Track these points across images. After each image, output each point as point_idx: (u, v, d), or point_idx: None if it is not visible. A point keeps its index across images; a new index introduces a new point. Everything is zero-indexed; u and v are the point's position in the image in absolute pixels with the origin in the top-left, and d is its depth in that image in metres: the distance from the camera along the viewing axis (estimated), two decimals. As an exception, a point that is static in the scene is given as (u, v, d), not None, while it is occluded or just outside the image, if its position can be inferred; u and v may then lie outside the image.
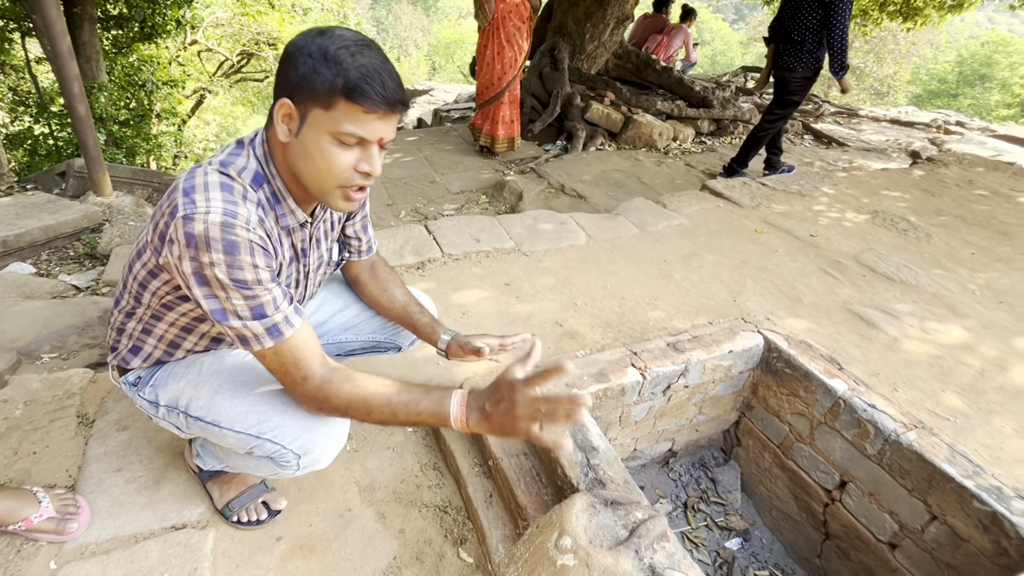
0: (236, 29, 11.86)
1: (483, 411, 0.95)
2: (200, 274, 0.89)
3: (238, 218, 0.88)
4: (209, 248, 0.86)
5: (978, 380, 2.16)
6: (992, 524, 1.28)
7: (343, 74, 0.84)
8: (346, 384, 1.00)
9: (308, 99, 0.87)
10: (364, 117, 0.87)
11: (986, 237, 3.43)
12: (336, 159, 0.90)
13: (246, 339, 0.94)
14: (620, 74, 6.69)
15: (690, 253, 2.83)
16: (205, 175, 0.92)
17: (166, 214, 0.92)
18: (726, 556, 1.69)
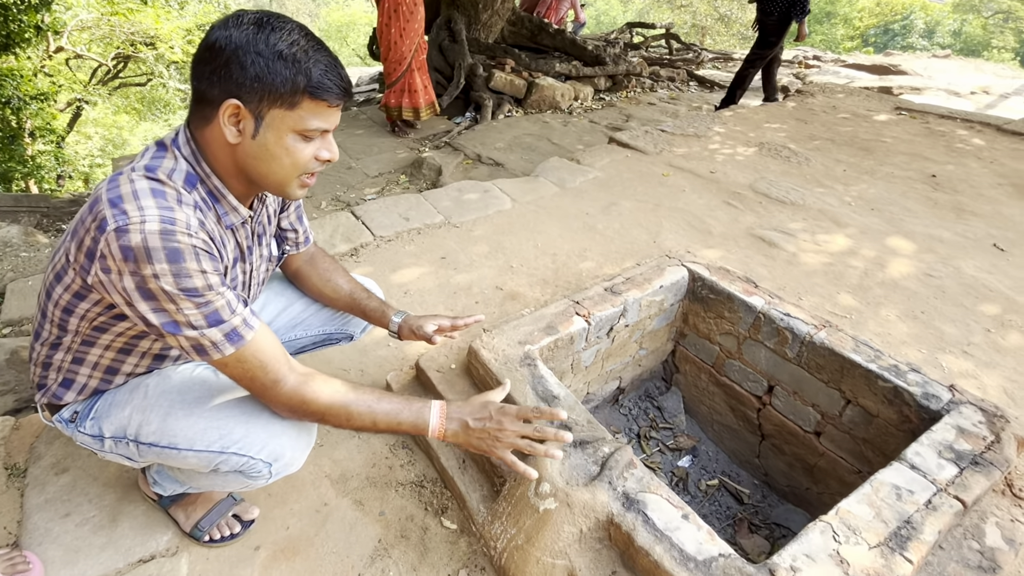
0: (106, 31, 10.52)
1: (464, 425, 1.01)
2: (144, 288, 0.79)
3: (177, 224, 0.79)
4: (150, 259, 0.77)
5: (864, 279, 2.36)
6: (895, 397, 1.40)
7: (305, 73, 0.81)
8: (324, 389, 0.95)
9: (264, 100, 0.81)
10: (327, 111, 0.85)
11: (853, 154, 3.71)
12: (301, 154, 0.87)
13: (204, 349, 0.85)
14: (517, 40, 6.56)
15: (608, 203, 2.87)
16: (131, 182, 0.81)
17: (91, 229, 0.79)
18: (680, 474, 1.78)
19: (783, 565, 0.98)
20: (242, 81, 0.80)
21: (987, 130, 4.16)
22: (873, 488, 1.12)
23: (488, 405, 1.04)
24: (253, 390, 0.92)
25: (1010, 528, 1.15)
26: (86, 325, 0.93)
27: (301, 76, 0.80)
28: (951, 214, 2.93)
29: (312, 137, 0.87)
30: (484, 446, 1.01)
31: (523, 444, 1.00)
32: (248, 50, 0.79)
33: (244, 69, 0.79)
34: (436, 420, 1.00)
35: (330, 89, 0.83)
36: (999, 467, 1.18)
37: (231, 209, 0.93)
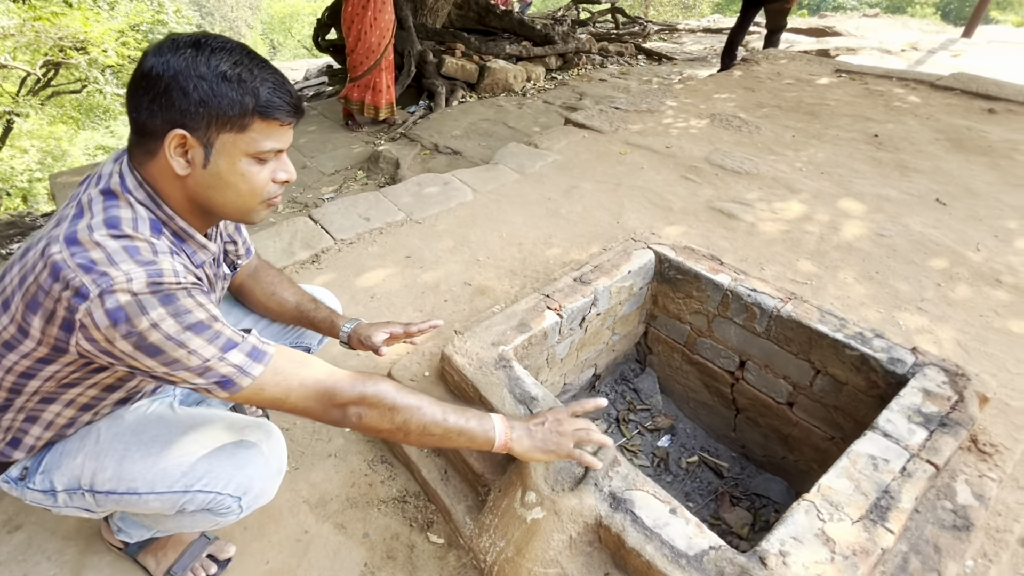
0: (31, 37, 9.70)
1: (527, 430, 0.98)
2: (145, 345, 0.72)
3: (165, 274, 0.74)
4: (144, 311, 0.71)
5: (820, 244, 2.37)
6: (862, 364, 1.40)
7: (252, 92, 0.75)
8: (386, 383, 0.87)
9: (212, 125, 0.75)
10: (279, 130, 0.80)
11: (799, 120, 3.72)
12: (257, 178, 0.81)
13: (230, 380, 0.77)
14: (464, 24, 6.34)
15: (569, 187, 2.80)
16: (98, 246, 0.73)
17: (64, 299, 0.71)
18: (660, 454, 1.76)
19: (772, 551, 0.95)
20: (186, 108, 0.73)
21: (921, 87, 4.24)
22: (850, 460, 1.11)
23: (538, 414, 1.05)
24: (307, 398, 0.83)
25: (978, 484, 1.16)
26: (52, 384, 0.83)
27: (249, 96, 0.75)
28: (895, 172, 2.98)
29: (266, 159, 0.81)
30: (552, 445, 0.98)
31: (583, 436, 1.00)
32: (189, 74, 0.72)
33: (187, 95, 0.73)
34: (502, 428, 0.96)
35: (281, 107, 0.78)
36: (965, 426, 1.19)
37: (199, 247, 0.87)
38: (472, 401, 1.31)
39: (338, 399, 0.83)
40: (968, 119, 3.63)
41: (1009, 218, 2.54)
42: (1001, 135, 3.38)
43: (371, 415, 0.85)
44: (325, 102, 5.65)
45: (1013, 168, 3.00)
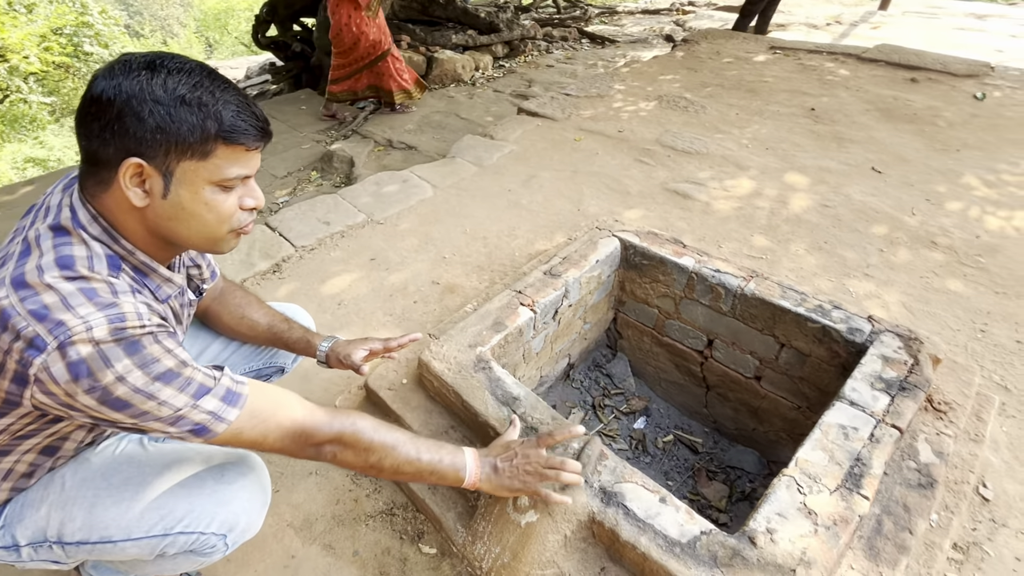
0: (-63, 46, 8.81)
1: (494, 467, 0.94)
2: (111, 400, 0.64)
3: (127, 318, 0.66)
4: (108, 363, 0.63)
5: (771, 218, 2.42)
6: (824, 336, 1.43)
7: (214, 117, 0.68)
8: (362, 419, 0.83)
9: (172, 153, 0.67)
10: (245, 155, 0.73)
11: (741, 97, 3.78)
12: (223, 207, 0.73)
13: (204, 427, 0.70)
14: (408, 15, 6.11)
15: (528, 177, 2.75)
16: (51, 289, 0.64)
17: (15, 351, 0.63)
18: (637, 436, 1.77)
19: (760, 529, 0.96)
20: (141, 135, 0.66)
21: (849, 60, 4.37)
22: (823, 432, 1.13)
23: (511, 444, 0.99)
24: (284, 439, 0.78)
25: (937, 442, 1.20)
26: (5, 438, 0.74)
27: (211, 120, 0.68)
28: (833, 144, 3.06)
29: (232, 186, 0.74)
30: (517, 484, 0.94)
31: (551, 475, 0.94)
32: (144, 99, 0.65)
33: (142, 121, 0.65)
34: (472, 465, 0.92)
35: (246, 131, 0.71)
36: (922, 388, 1.23)
37: (164, 281, 0.79)
38: (454, 407, 1.26)
39: (315, 439, 0.79)
40: (894, 89, 3.78)
41: (938, 182, 2.66)
42: (924, 103, 3.53)
43: (346, 454, 0.82)
44: (268, 101, 5.36)
45: (937, 134, 3.14)
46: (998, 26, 6.59)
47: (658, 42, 7.08)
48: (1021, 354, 1.70)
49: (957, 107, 3.46)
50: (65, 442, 0.81)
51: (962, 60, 4.12)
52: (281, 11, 5.62)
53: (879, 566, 1.00)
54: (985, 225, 2.33)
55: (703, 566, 0.91)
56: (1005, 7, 9.04)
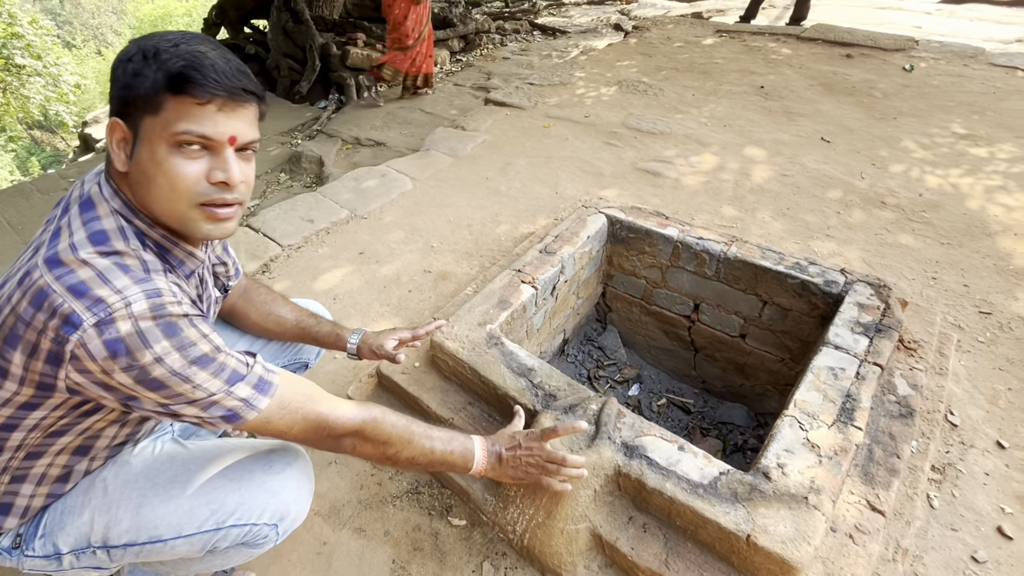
0: None
1: (499, 457, 0.93)
2: (148, 379, 0.63)
3: (164, 294, 0.64)
4: (147, 343, 0.62)
5: (737, 189, 2.51)
6: (803, 290, 1.52)
7: (164, 66, 0.63)
8: (389, 413, 0.83)
9: (136, 109, 0.65)
10: (199, 111, 0.64)
11: (695, 79, 3.89)
12: (179, 170, 0.65)
13: (236, 413, 0.69)
14: (362, 13, 5.96)
15: (504, 164, 2.76)
16: (86, 265, 0.63)
17: (50, 329, 0.60)
18: (632, 402, 1.82)
19: (771, 465, 1.02)
20: (118, 94, 0.65)
21: (790, 40, 4.55)
22: (815, 374, 1.21)
23: (516, 434, 0.97)
24: (308, 430, 0.77)
25: (911, 376, 1.30)
26: (37, 435, 0.71)
27: (161, 71, 0.63)
28: (784, 118, 3.20)
29: (191, 150, 0.65)
30: (520, 475, 0.94)
31: (553, 470, 0.93)
32: (123, 59, 0.65)
33: (116, 80, 0.65)
34: (480, 454, 0.91)
35: (193, 79, 0.63)
36: (895, 328, 1.32)
37: (186, 256, 0.76)
38: (470, 384, 1.27)
39: (336, 432, 0.79)
40: (832, 65, 3.97)
41: (880, 147, 2.82)
42: (861, 76, 3.72)
43: (365, 447, 0.82)
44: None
45: (874, 104, 3.33)
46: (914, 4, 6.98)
47: (607, 31, 7.15)
48: (969, 296, 1.84)
49: (890, 79, 3.67)
50: (97, 440, 0.78)
51: (890, 36, 4.36)
52: (231, 13, 5.39)
53: (875, 489, 1.08)
54: (926, 184, 2.49)
55: (726, 503, 0.96)
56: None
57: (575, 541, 1.04)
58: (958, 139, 2.87)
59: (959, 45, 4.18)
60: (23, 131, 16.55)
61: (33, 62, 9.66)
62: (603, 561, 1.06)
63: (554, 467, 0.93)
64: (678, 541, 1.01)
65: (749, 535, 0.91)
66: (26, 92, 9.99)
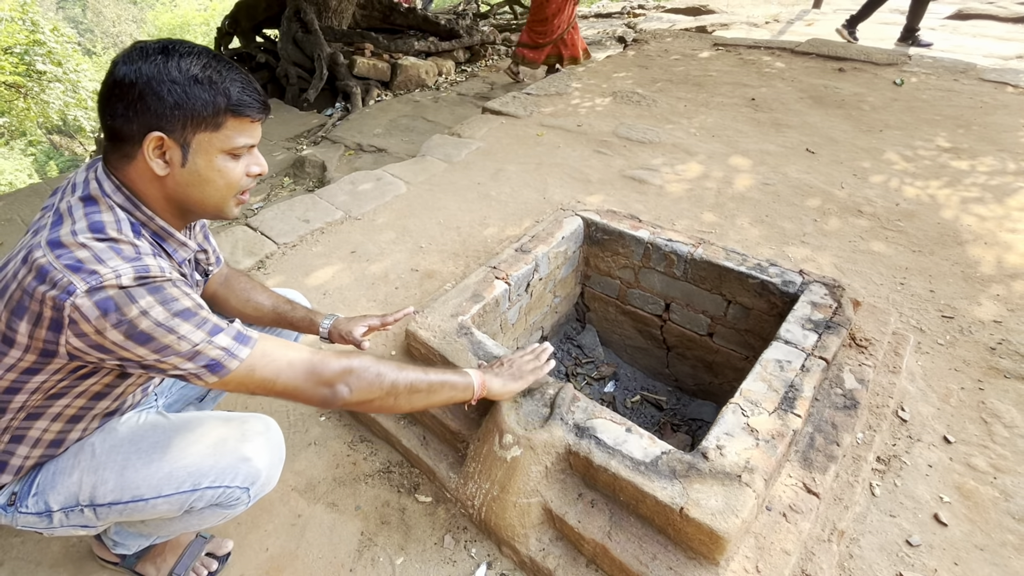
0: None
1: (495, 372, 1.12)
2: (136, 333, 0.72)
3: (151, 269, 0.75)
4: (133, 300, 0.72)
5: (718, 197, 2.60)
6: (763, 290, 1.59)
7: (224, 93, 0.77)
8: (376, 361, 0.91)
9: (188, 126, 0.77)
10: (251, 127, 0.82)
11: (688, 91, 3.99)
12: (233, 173, 0.83)
13: (218, 363, 0.77)
14: (370, 24, 6.15)
15: (496, 170, 2.86)
16: (84, 247, 0.73)
17: (48, 300, 0.69)
18: (607, 398, 1.90)
19: (711, 446, 1.10)
20: (162, 112, 0.75)
21: (784, 54, 4.65)
22: (762, 366, 1.28)
23: (493, 361, 1.20)
24: (296, 377, 0.83)
25: (859, 371, 1.37)
26: (38, 397, 0.80)
27: (221, 96, 0.77)
28: (772, 130, 3.28)
29: (240, 154, 0.83)
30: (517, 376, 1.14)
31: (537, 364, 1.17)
32: (162, 79, 0.74)
33: (161, 99, 0.74)
34: (477, 375, 1.06)
35: (251, 104, 0.80)
36: (844, 326, 1.40)
37: (179, 245, 0.88)
38: (440, 370, 1.36)
39: (326, 375, 0.84)
40: (824, 78, 4.05)
41: (863, 159, 2.89)
42: (851, 90, 3.80)
43: (360, 385, 0.87)
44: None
45: (862, 117, 3.40)
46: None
47: (611, 43, 7.29)
48: (933, 301, 1.90)
49: (879, 92, 3.74)
50: (91, 410, 0.88)
51: (883, 50, 4.44)
52: (244, 23, 5.59)
53: (812, 472, 1.16)
54: (904, 194, 2.56)
55: (664, 479, 1.04)
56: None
57: (527, 514, 1.12)
58: (941, 152, 2.94)
59: (951, 60, 4.25)
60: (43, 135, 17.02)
61: (53, 68, 9.98)
62: (554, 534, 1.14)
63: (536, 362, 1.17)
64: (622, 515, 1.09)
65: (682, 508, 0.99)
66: (46, 97, 10.31)
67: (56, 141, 19.13)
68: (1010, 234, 2.22)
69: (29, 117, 11.15)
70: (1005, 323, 1.78)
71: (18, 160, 15.55)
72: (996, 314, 1.82)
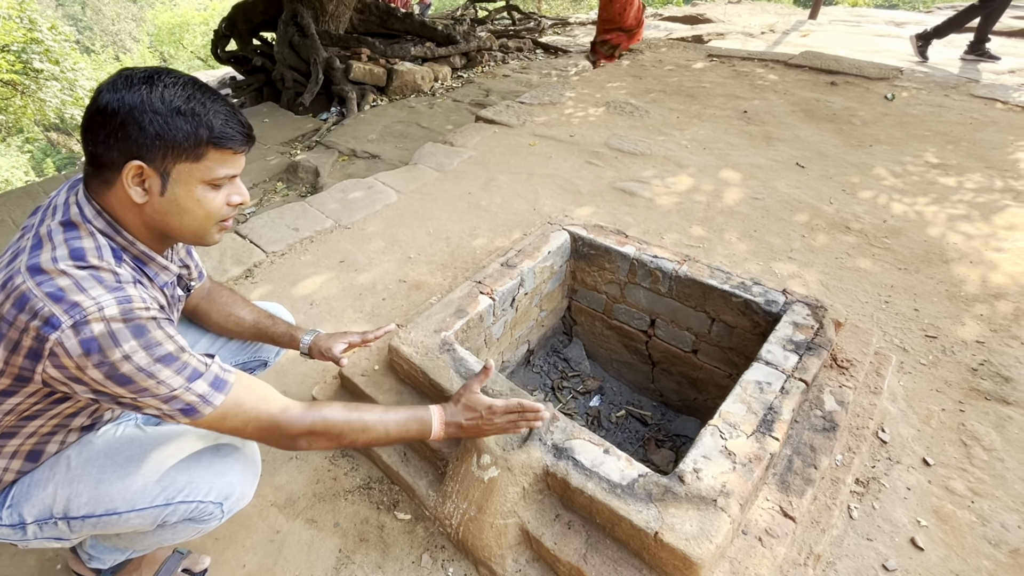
0: None
1: (459, 426, 1.04)
2: (117, 375, 0.73)
3: (134, 301, 0.75)
4: (117, 343, 0.72)
5: (708, 211, 2.61)
6: (746, 309, 1.60)
7: (206, 125, 0.77)
8: (333, 407, 0.92)
9: (169, 156, 0.76)
10: (233, 158, 0.82)
11: (681, 102, 4.01)
12: (213, 203, 0.82)
13: (193, 408, 0.78)
14: (367, 28, 6.16)
15: (487, 180, 2.87)
16: (65, 275, 0.73)
17: (31, 328, 0.70)
18: (592, 413, 1.90)
19: (688, 469, 1.10)
20: (142, 141, 0.75)
21: (778, 66, 4.68)
22: (742, 388, 1.29)
23: (478, 405, 1.05)
24: (263, 428, 0.86)
25: (840, 393, 1.38)
26: (12, 418, 0.80)
27: (203, 128, 0.77)
28: (763, 143, 3.30)
29: (221, 184, 0.83)
30: (478, 434, 1.08)
31: (510, 428, 1.07)
32: (144, 110, 0.74)
33: (143, 129, 0.74)
34: (438, 427, 1.02)
35: (233, 137, 0.80)
36: (825, 347, 1.41)
37: (161, 269, 0.88)
38: (422, 386, 1.36)
39: (289, 432, 0.87)
40: (816, 92, 4.08)
41: (852, 174, 2.91)
42: (842, 104, 3.83)
43: (319, 443, 0.91)
44: (232, 115, 5.31)
45: (853, 131, 3.43)
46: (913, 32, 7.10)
47: (608, 51, 7.32)
48: (917, 320, 1.92)
49: (870, 107, 3.77)
50: (67, 428, 0.88)
51: (875, 64, 4.48)
52: (241, 26, 5.59)
53: (789, 496, 1.16)
54: (892, 211, 2.58)
55: (640, 502, 1.04)
56: (922, 15, 9.72)
57: (504, 535, 1.12)
58: (929, 168, 2.96)
59: (942, 75, 4.29)
60: (40, 133, 16.95)
61: (51, 67, 9.95)
62: (530, 555, 1.14)
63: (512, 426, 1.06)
64: (598, 538, 1.09)
65: (657, 532, 0.99)
66: (43, 96, 10.28)
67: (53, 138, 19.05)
68: (996, 253, 2.24)
69: (26, 115, 11.11)
70: (988, 344, 1.80)
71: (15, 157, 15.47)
72: (979, 334, 1.84)
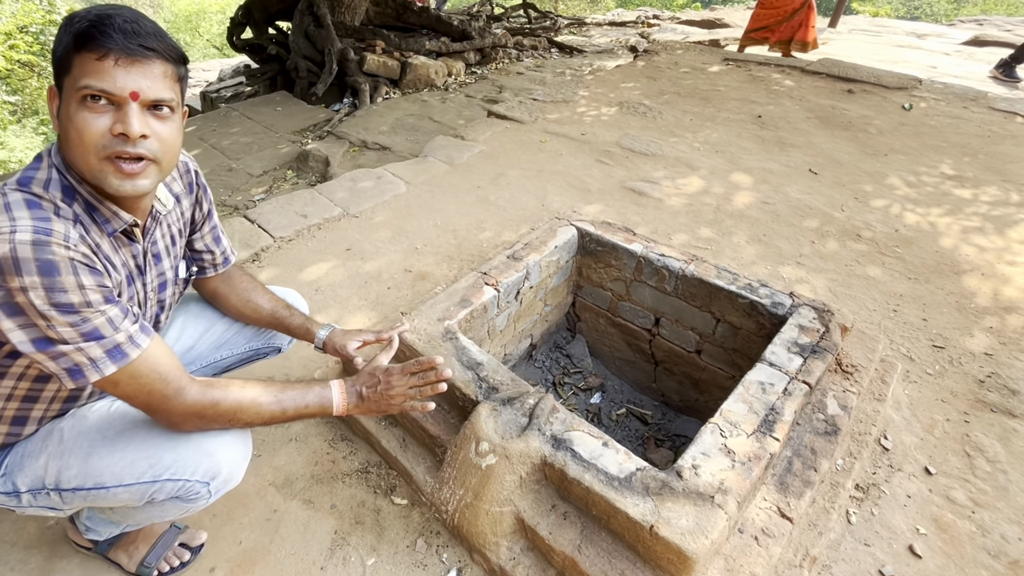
0: None
1: (359, 395, 0.98)
2: (9, 304, 0.68)
3: (54, 235, 0.70)
4: (19, 271, 0.67)
5: (717, 213, 2.60)
6: (752, 310, 1.60)
7: (72, 27, 0.71)
8: (231, 388, 0.88)
9: (58, 72, 0.73)
10: (99, 66, 0.70)
11: (695, 104, 4.00)
12: (86, 124, 0.71)
13: (80, 369, 0.73)
14: (383, 21, 6.19)
15: (497, 175, 2.88)
16: (3, 196, 0.72)
17: None
18: (593, 410, 1.91)
19: (686, 465, 1.10)
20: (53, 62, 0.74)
21: (794, 72, 4.66)
22: (745, 388, 1.29)
23: (376, 371, 1.00)
24: (152, 405, 0.82)
25: (843, 397, 1.38)
26: None
27: (69, 33, 0.71)
28: (776, 148, 3.29)
29: (97, 105, 0.71)
30: (382, 407, 0.98)
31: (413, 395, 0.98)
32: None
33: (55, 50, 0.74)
34: (338, 398, 0.96)
35: (92, 36, 0.69)
36: (831, 351, 1.40)
37: (112, 215, 0.81)
38: (423, 373, 1.37)
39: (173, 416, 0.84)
40: (832, 99, 4.06)
41: (865, 182, 2.90)
42: (858, 112, 3.80)
43: (212, 425, 0.88)
44: (246, 104, 5.35)
45: (868, 140, 3.41)
46: (934, 44, 7.06)
47: (623, 52, 7.31)
48: (925, 330, 1.90)
49: (887, 116, 3.75)
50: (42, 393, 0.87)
51: (894, 74, 4.45)
52: (257, 14, 5.63)
53: (787, 497, 1.16)
54: (904, 220, 2.56)
55: (637, 495, 1.04)
56: (943, 27, 9.64)
57: (499, 523, 1.13)
58: (945, 179, 2.94)
59: (962, 87, 4.25)
60: (54, 114, 17.09)
61: (68, 49, 10.05)
62: (525, 544, 1.15)
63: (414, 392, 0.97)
64: (593, 529, 1.09)
65: (652, 525, 0.99)
66: (59, 77, 10.37)
67: (66, 121, 19.22)
68: (1008, 267, 2.22)
69: (42, 96, 11.24)
70: (996, 356, 1.78)
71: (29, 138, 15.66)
72: (988, 346, 1.82)
